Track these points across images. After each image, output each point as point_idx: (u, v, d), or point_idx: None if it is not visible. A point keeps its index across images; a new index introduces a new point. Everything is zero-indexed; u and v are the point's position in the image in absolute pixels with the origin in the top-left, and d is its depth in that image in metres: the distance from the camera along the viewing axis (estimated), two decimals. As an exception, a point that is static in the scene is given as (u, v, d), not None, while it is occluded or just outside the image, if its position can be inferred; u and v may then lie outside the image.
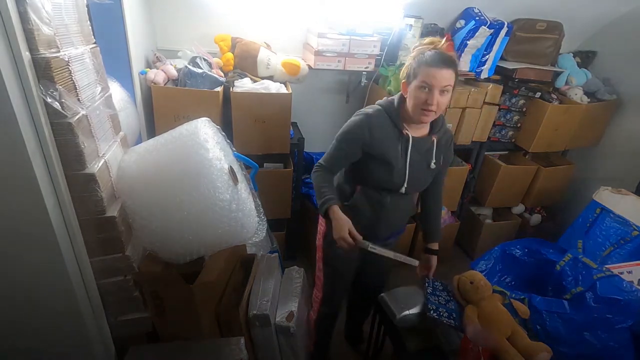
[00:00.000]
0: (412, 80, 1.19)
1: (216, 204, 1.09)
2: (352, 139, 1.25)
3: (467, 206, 2.73)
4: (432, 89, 1.13)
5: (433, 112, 1.17)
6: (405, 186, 1.28)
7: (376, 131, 1.23)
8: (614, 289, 1.54)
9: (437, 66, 1.13)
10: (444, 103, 1.17)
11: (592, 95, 2.51)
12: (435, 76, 1.12)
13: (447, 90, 1.15)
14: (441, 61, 1.13)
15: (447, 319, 1.30)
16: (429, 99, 1.14)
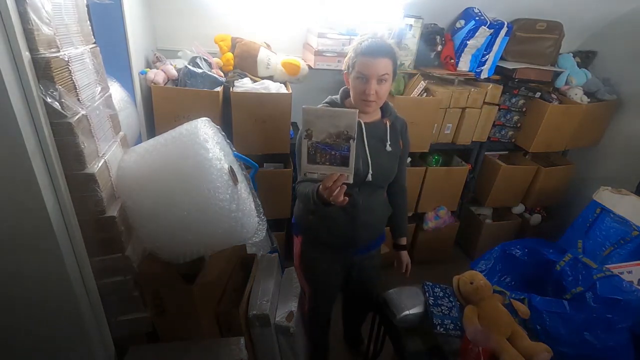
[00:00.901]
0: (351, 71, 1.20)
1: (216, 204, 1.09)
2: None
3: (467, 206, 2.73)
4: (369, 79, 1.14)
5: (373, 102, 1.19)
6: (370, 172, 1.26)
7: None
8: (614, 289, 1.54)
9: (371, 55, 1.13)
10: (383, 92, 1.18)
11: (592, 95, 2.51)
12: (370, 66, 1.13)
13: (384, 80, 1.16)
14: (376, 50, 1.14)
15: (453, 330, 1.30)
16: (367, 88, 1.15)
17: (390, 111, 1.34)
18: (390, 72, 1.17)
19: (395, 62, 1.18)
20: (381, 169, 1.30)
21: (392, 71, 1.18)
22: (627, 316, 1.45)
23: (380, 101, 1.21)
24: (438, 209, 2.47)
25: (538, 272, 1.94)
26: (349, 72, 1.22)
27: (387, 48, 1.16)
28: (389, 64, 1.15)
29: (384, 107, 1.33)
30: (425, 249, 2.58)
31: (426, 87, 2.12)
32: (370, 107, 1.21)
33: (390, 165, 1.34)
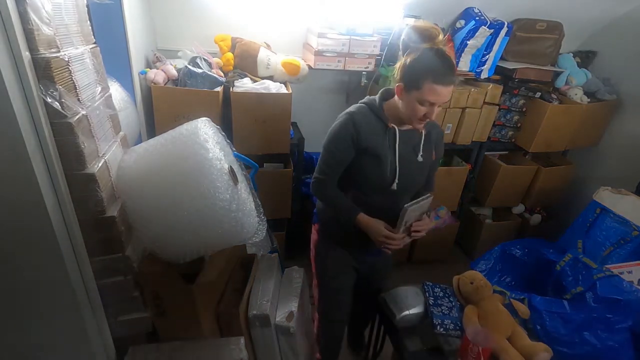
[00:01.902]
0: (411, 89, 1.11)
1: (216, 204, 1.09)
2: (341, 140, 1.22)
3: (467, 206, 2.73)
4: (434, 105, 1.10)
5: (428, 120, 1.16)
6: (396, 181, 1.23)
7: (362, 127, 1.20)
8: (614, 289, 1.54)
9: (443, 83, 1.06)
10: (438, 112, 1.17)
11: (592, 95, 2.51)
12: (442, 95, 1.07)
13: (439, 105, 1.13)
14: (449, 77, 1.06)
15: (453, 330, 1.30)
16: (429, 113, 1.11)
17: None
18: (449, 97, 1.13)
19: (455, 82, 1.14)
20: (408, 180, 1.26)
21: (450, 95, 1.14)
22: (627, 316, 1.45)
23: (431, 118, 1.16)
24: (438, 209, 2.47)
25: (538, 272, 1.94)
26: (408, 89, 1.11)
27: (455, 68, 1.09)
28: (453, 88, 1.11)
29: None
30: (425, 249, 2.58)
31: (426, 87, 2.12)
32: (422, 126, 1.19)
33: (419, 175, 1.30)
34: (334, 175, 1.28)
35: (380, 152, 1.20)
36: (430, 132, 1.29)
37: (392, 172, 1.23)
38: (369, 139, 1.20)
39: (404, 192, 1.28)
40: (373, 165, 1.22)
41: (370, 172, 1.23)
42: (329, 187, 1.28)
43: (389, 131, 1.22)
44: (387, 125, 1.22)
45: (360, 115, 1.22)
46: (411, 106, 1.12)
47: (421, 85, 1.07)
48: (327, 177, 1.27)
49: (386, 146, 1.22)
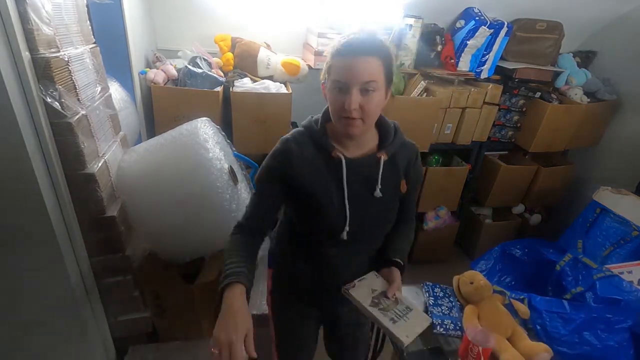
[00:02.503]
0: (327, 80, 0.88)
1: (216, 204, 1.09)
2: (267, 176, 0.94)
3: (467, 206, 2.73)
4: (349, 87, 0.80)
5: (358, 121, 0.83)
6: (347, 229, 0.92)
7: (296, 158, 0.90)
8: (613, 289, 1.54)
9: (351, 55, 0.80)
10: (372, 106, 0.83)
11: (592, 95, 2.51)
12: (350, 68, 0.80)
13: (372, 89, 0.81)
14: (358, 48, 0.81)
15: (453, 330, 1.30)
16: (346, 101, 0.80)
17: (391, 139, 0.96)
18: (379, 77, 0.82)
19: (388, 64, 0.84)
20: (363, 224, 0.94)
21: (383, 76, 0.83)
22: (627, 316, 1.45)
23: (369, 119, 0.85)
24: (438, 209, 2.47)
25: (538, 272, 1.94)
26: (325, 82, 0.89)
27: (375, 45, 0.82)
28: (377, 67, 0.81)
29: (384, 130, 0.97)
30: (425, 249, 2.57)
31: (426, 87, 2.12)
32: (355, 128, 0.84)
33: (379, 218, 0.98)
34: (259, 220, 0.97)
35: (320, 190, 0.90)
36: (396, 155, 0.97)
37: (341, 216, 0.92)
38: (305, 174, 0.90)
39: (359, 241, 0.96)
40: (314, 208, 0.92)
41: (311, 217, 0.94)
42: (243, 237, 0.96)
43: (332, 162, 0.91)
44: (330, 153, 0.91)
45: (296, 143, 0.91)
46: (329, 99, 0.87)
47: (331, 68, 0.84)
48: (250, 223, 0.97)
49: (330, 181, 0.91)
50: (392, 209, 1.00)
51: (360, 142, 0.94)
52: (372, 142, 0.96)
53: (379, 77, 0.82)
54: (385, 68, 0.83)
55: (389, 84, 0.87)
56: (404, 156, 0.99)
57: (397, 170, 0.97)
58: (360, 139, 0.93)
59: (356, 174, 0.92)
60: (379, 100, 0.85)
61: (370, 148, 0.95)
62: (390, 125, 0.98)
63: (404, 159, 0.99)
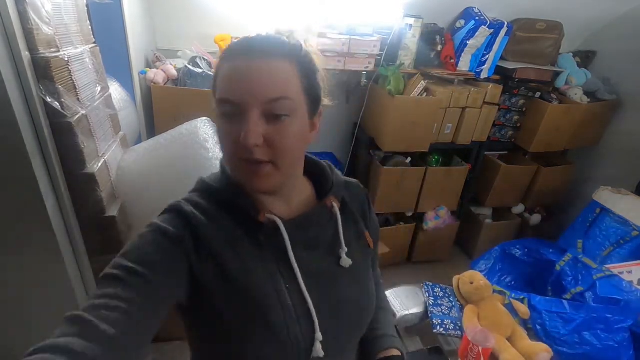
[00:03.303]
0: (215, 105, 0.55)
1: (216, 204, 1.09)
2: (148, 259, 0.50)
3: (467, 206, 2.73)
4: (245, 110, 0.50)
5: (267, 165, 0.52)
6: (318, 339, 0.55)
7: (203, 228, 0.54)
8: (613, 289, 1.54)
9: (245, 56, 0.51)
10: (287, 140, 0.52)
11: (592, 95, 2.51)
12: (243, 78, 0.50)
13: (283, 112, 0.51)
14: (257, 46, 0.52)
15: (453, 330, 1.30)
16: (244, 132, 0.49)
17: (332, 181, 0.64)
18: (295, 92, 0.52)
19: (308, 73, 0.54)
20: (341, 321, 0.60)
21: (301, 91, 0.53)
22: (627, 316, 1.45)
23: (285, 162, 0.53)
24: (438, 209, 2.47)
25: (538, 272, 1.94)
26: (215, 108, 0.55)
27: (287, 44, 0.53)
28: (290, 76, 0.52)
29: (317, 172, 0.66)
30: (425, 249, 2.57)
31: (426, 87, 2.12)
32: (262, 179, 0.53)
33: (360, 298, 0.63)
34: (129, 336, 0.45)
35: (255, 284, 0.54)
36: (348, 200, 0.66)
37: (303, 322, 0.55)
38: (223, 255, 0.54)
39: (340, 353, 0.61)
40: (249, 321, 0.53)
41: (245, 339, 0.53)
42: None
43: (263, 232, 0.56)
44: (255, 217, 0.56)
45: (197, 207, 0.56)
46: (218, 131, 0.54)
47: (217, 80, 0.54)
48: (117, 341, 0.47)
49: (267, 266, 0.56)
50: (370, 279, 0.67)
51: (288, 196, 0.60)
52: (306, 192, 0.64)
53: (295, 92, 0.51)
54: (305, 80, 0.53)
55: (314, 106, 0.55)
56: (354, 200, 0.68)
57: (356, 220, 0.67)
58: (285, 192, 0.59)
59: (305, 242, 0.58)
60: (299, 130, 0.52)
61: (306, 199, 0.63)
62: (323, 164, 0.67)
63: (355, 203, 0.68)
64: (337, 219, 0.63)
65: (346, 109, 2.47)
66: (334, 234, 0.62)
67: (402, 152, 2.27)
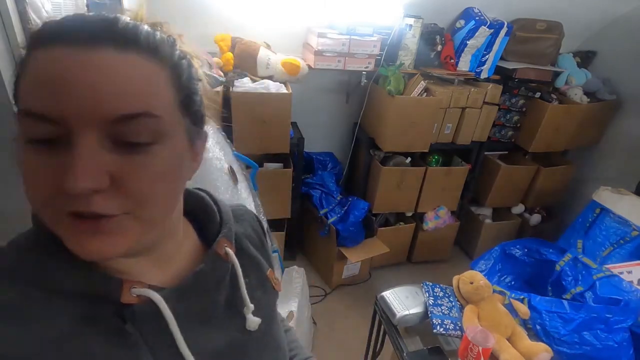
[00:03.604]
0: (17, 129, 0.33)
1: (216, 204, 1.09)
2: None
3: (467, 206, 2.73)
4: (72, 132, 0.30)
5: (119, 217, 0.32)
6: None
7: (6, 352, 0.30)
8: (613, 289, 1.54)
9: (73, 42, 0.30)
10: (152, 177, 0.33)
11: (592, 95, 2.51)
12: (69, 76, 0.29)
13: (145, 139, 0.32)
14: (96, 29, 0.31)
15: (453, 330, 1.30)
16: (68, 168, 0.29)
17: (218, 212, 0.49)
18: (166, 107, 0.34)
19: (187, 82, 0.38)
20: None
21: (175, 106, 0.36)
22: (627, 316, 1.45)
23: (149, 209, 0.33)
24: (438, 209, 2.47)
25: (538, 272, 1.94)
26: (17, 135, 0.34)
27: (146, 35, 0.34)
28: (157, 81, 0.34)
29: (200, 207, 0.49)
30: (425, 249, 2.58)
31: (426, 87, 2.12)
32: (102, 243, 0.32)
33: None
34: None
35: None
36: (239, 237, 0.51)
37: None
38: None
39: None
40: None
41: None
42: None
43: (132, 315, 0.36)
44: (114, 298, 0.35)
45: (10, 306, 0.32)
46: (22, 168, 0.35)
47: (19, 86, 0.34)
48: None
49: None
50: (282, 334, 0.55)
51: (163, 253, 0.41)
52: (188, 240, 0.46)
53: (164, 106, 0.34)
54: (182, 90, 0.37)
55: (195, 126, 0.39)
56: (248, 232, 0.54)
57: (257, 261, 0.52)
58: (160, 248, 0.40)
59: (198, 315, 0.41)
60: (172, 162, 0.35)
61: (190, 251, 0.45)
62: (201, 195, 0.50)
63: (250, 236, 0.54)
64: (237, 271, 0.45)
65: (346, 109, 2.47)
66: (234, 291, 0.45)
67: (402, 152, 2.27)
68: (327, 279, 2.32)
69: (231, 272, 0.46)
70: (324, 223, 2.17)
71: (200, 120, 0.41)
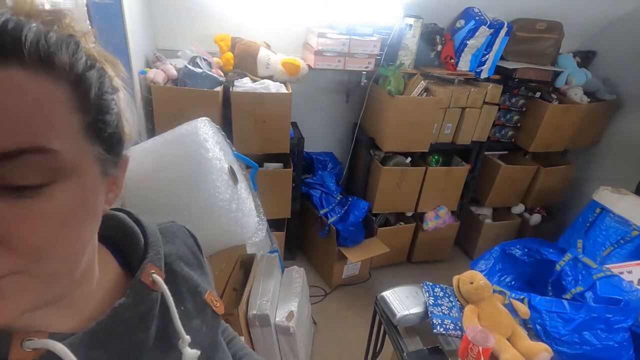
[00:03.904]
0: None
1: (216, 204, 1.09)
2: None
3: (467, 206, 2.73)
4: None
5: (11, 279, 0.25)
6: None
7: None
8: (613, 289, 1.54)
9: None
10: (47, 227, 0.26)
11: (592, 95, 2.51)
12: None
13: (34, 179, 0.25)
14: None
15: (453, 330, 1.30)
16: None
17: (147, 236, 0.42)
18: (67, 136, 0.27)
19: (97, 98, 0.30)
20: None
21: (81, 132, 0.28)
22: (627, 316, 1.45)
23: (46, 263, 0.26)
24: (438, 209, 2.47)
25: (538, 272, 1.94)
26: None
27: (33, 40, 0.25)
28: (51, 103, 0.26)
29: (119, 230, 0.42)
30: (425, 249, 2.58)
31: (426, 87, 2.12)
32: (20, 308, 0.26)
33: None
34: None
35: None
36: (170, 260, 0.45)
37: None
38: None
39: None
40: None
41: None
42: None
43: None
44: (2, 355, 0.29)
45: None
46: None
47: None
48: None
49: None
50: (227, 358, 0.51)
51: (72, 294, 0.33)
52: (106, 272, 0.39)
53: (64, 136, 0.27)
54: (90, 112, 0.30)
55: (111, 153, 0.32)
56: (181, 252, 0.48)
57: (193, 284, 0.46)
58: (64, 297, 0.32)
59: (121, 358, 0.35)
60: (78, 204, 0.28)
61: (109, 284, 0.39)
62: (120, 217, 0.43)
63: (184, 257, 0.48)
64: (167, 300, 0.40)
65: (346, 109, 2.47)
66: (166, 323, 0.40)
67: (402, 152, 2.28)
68: (327, 279, 2.32)
69: (161, 302, 0.39)
70: (324, 223, 2.17)
71: (117, 145, 0.33)
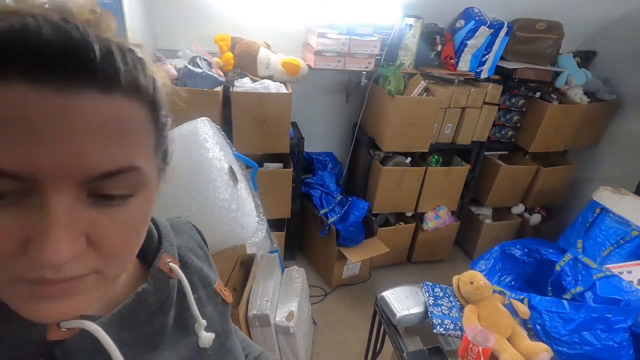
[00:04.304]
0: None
1: (216, 204, 1.09)
2: None
3: (467, 206, 2.73)
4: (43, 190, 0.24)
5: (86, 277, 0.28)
6: None
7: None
8: (613, 289, 1.54)
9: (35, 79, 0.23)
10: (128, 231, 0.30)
11: (592, 95, 2.51)
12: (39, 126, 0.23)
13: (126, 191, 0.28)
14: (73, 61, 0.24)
15: (453, 330, 1.30)
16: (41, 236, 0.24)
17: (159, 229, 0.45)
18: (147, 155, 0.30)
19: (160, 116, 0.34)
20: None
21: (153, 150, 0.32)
22: (627, 316, 1.45)
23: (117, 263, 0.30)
24: (438, 209, 2.47)
25: (538, 272, 1.95)
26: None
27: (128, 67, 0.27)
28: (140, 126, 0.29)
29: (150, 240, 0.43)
30: (425, 249, 2.58)
31: (426, 87, 2.12)
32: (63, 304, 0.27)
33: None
34: None
35: None
36: (184, 250, 0.48)
37: None
38: None
39: None
40: None
41: None
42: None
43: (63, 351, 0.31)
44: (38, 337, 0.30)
45: None
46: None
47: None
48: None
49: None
50: (238, 347, 0.53)
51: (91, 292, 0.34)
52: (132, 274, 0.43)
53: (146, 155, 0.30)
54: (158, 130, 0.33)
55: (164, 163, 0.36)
56: (189, 245, 0.50)
57: (203, 274, 0.48)
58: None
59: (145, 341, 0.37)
60: (146, 212, 0.32)
61: (129, 273, 0.41)
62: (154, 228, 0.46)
63: (192, 248, 0.50)
64: (184, 286, 0.42)
65: (346, 109, 2.47)
66: (183, 308, 0.42)
67: (402, 152, 2.28)
68: (327, 279, 2.33)
69: (178, 289, 0.42)
70: (324, 223, 2.17)
71: (167, 154, 0.36)
